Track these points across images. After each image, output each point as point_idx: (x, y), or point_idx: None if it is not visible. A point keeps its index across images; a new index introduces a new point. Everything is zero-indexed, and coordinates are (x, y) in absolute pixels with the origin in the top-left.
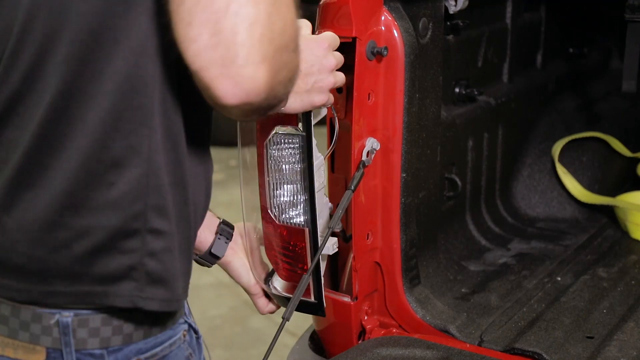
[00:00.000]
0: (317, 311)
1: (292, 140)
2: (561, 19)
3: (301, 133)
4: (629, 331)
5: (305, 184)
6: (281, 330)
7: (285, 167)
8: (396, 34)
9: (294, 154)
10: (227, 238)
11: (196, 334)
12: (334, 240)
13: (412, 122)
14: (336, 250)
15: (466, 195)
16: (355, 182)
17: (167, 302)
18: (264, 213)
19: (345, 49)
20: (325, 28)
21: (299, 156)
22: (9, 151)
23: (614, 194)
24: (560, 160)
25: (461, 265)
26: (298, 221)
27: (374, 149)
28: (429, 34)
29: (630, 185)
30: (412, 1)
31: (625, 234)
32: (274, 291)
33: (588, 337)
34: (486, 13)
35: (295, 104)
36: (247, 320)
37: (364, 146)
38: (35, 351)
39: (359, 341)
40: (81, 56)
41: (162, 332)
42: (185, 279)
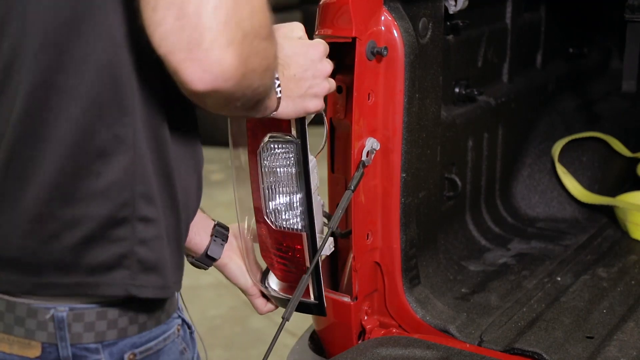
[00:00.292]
0: (318, 311)
1: (285, 146)
2: (561, 19)
3: (295, 140)
4: (629, 331)
5: (301, 190)
6: (281, 330)
7: (280, 173)
8: (396, 34)
9: (288, 160)
10: (222, 240)
11: (190, 329)
12: (330, 240)
13: (412, 122)
14: (332, 250)
15: (466, 195)
16: (355, 182)
17: (160, 289)
18: (259, 217)
19: (345, 49)
20: (325, 28)
21: (293, 162)
22: None
23: (614, 194)
24: (560, 160)
25: (461, 265)
26: (296, 226)
27: (374, 149)
28: (429, 34)
29: (630, 185)
30: (412, 1)
31: (625, 234)
32: (272, 293)
33: (588, 337)
34: (486, 13)
35: (288, 109)
36: (247, 320)
37: (363, 146)
38: (31, 346)
39: (359, 341)
40: (58, 46)
41: (156, 326)
42: (178, 271)
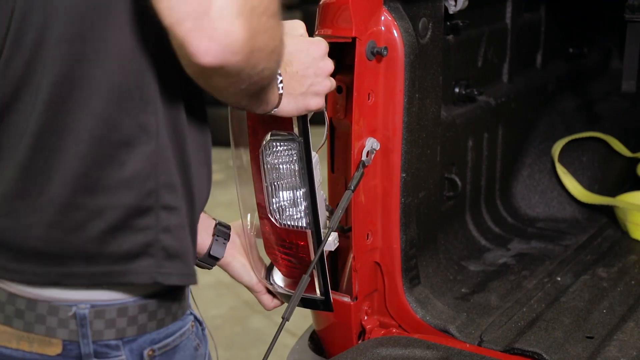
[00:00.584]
0: (325, 307)
1: (288, 144)
2: (561, 19)
3: (297, 138)
4: (629, 331)
5: (305, 187)
6: (281, 330)
7: (283, 171)
8: (396, 34)
9: (291, 158)
10: (224, 239)
11: (201, 325)
12: (334, 235)
13: (412, 122)
14: (337, 245)
15: (466, 195)
16: (355, 182)
17: (185, 276)
18: (263, 214)
19: (345, 49)
20: (325, 28)
21: (296, 160)
22: (17, 137)
23: (614, 194)
24: (560, 160)
25: (461, 265)
26: (300, 224)
27: (374, 149)
28: (429, 34)
29: (630, 185)
30: (412, 1)
31: (625, 234)
32: (277, 289)
33: (588, 337)
34: (486, 13)
35: (290, 106)
36: (247, 320)
37: (363, 146)
38: (51, 344)
39: (359, 341)
40: (81, 37)
41: (173, 322)
42: (195, 260)
